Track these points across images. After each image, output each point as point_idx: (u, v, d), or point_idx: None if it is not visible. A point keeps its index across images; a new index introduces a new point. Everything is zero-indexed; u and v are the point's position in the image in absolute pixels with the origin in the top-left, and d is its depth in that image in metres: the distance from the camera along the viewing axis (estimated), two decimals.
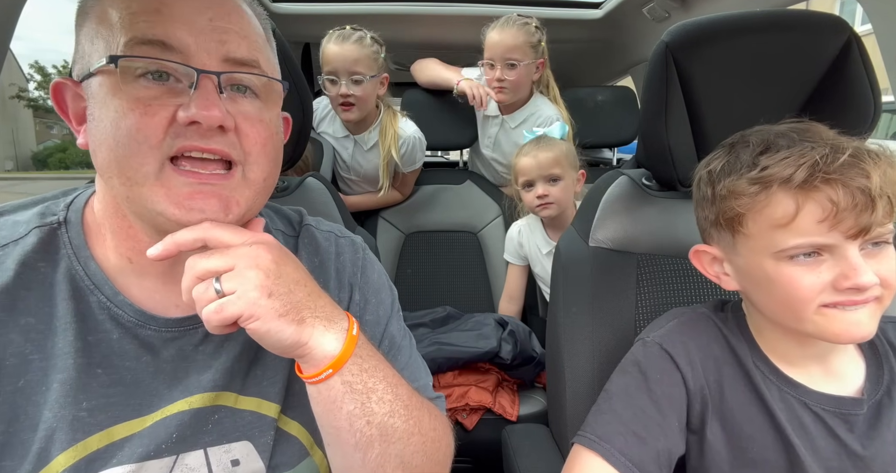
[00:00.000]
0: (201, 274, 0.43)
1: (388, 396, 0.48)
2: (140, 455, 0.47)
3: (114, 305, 0.48)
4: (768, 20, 0.70)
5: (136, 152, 0.42)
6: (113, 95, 0.42)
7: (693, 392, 0.59)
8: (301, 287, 0.45)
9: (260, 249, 0.44)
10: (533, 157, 1.34)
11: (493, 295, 1.69)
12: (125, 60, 0.42)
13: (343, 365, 0.45)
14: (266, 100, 0.49)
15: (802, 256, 0.52)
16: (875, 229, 0.49)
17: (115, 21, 0.43)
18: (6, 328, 0.45)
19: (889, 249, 0.52)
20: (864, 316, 0.51)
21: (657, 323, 0.66)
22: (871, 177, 0.48)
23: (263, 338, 0.43)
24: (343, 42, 1.41)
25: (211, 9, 0.45)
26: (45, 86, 23.78)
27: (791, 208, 0.51)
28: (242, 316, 0.42)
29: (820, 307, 0.52)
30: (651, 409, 0.58)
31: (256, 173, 0.47)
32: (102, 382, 0.47)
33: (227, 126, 0.44)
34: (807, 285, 0.51)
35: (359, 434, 0.47)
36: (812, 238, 0.50)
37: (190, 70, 0.43)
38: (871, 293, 0.50)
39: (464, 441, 0.61)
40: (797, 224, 0.51)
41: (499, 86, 1.52)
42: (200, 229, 0.43)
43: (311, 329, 0.45)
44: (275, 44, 0.54)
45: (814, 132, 0.54)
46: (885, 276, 0.51)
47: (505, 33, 1.48)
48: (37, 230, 0.49)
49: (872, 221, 0.48)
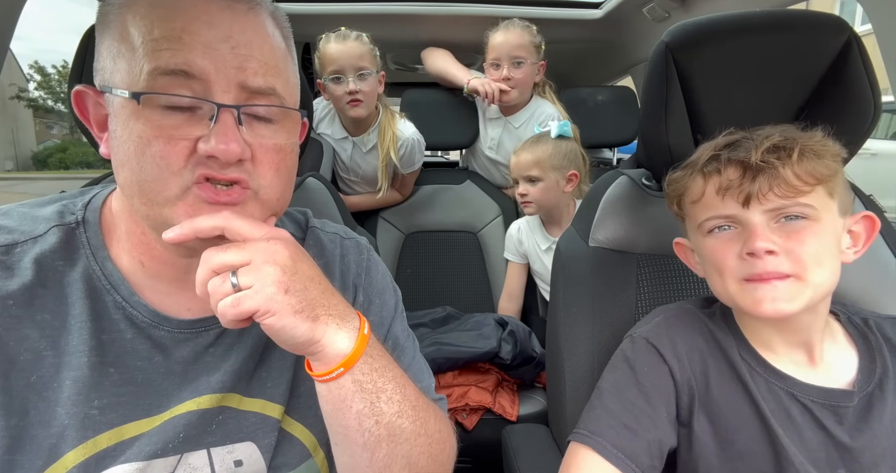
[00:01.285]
0: (218, 267, 0.43)
1: (396, 396, 0.48)
2: (147, 454, 0.47)
3: (129, 305, 0.49)
4: (768, 20, 0.70)
5: (158, 178, 0.44)
6: (136, 120, 0.43)
7: (680, 384, 0.61)
8: (316, 285, 0.46)
9: (277, 244, 0.44)
10: (516, 156, 1.41)
11: (493, 295, 1.69)
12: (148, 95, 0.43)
13: (354, 364, 0.46)
14: (284, 123, 0.49)
15: (717, 230, 0.59)
16: (771, 198, 0.55)
17: (138, 45, 0.43)
18: (22, 324, 0.45)
19: (809, 227, 0.55)
20: (782, 292, 0.54)
21: (645, 320, 0.68)
22: (756, 151, 0.56)
23: (278, 334, 0.43)
24: (345, 40, 1.43)
25: (233, 37, 0.45)
26: (45, 86, 23.77)
27: (700, 185, 0.60)
28: (259, 311, 0.42)
29: (742, 282, 0.56)
30: (641, 402, 0.59)
31: (269, 196, 0.49)
32: (114, 381, 0.47)
33: (245, 158, 0.45)
34: (721, 253, 0.58)
35: (367, 433, 0.47)
36: (716, 210, 0.58)
37: (211, 104, 0.44)
38: (776, 266, 0.54)
39: (464, 442, 0.62)
40: (705, 199, 0.59)
41: (505, 85, 1.56)
42: (221, 217, 0.44)
43: (325, 327, 0.45)
44: (295, 53, 0.54)
45: (781, 132, 0.59)
46: (793, 250, 0.54)
47: (510, 33, 1.54)
48: (56, 229, 0.49)
49: (757, 189, 0.55)
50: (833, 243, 0.56)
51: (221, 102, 0.44)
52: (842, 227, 0.58)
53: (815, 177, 0.55)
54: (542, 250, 1.45)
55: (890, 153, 5.10)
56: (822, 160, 0.56)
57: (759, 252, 0.54)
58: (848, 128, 0.71)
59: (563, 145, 1.39)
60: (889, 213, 0.88)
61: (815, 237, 0.55)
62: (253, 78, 0.46)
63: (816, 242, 0.54)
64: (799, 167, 0.55)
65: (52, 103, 24.34)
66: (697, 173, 0.61)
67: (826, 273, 0.55)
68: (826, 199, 0.56)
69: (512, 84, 1.56)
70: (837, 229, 0.57)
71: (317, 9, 1.70)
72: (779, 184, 0.55)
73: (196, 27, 0.44)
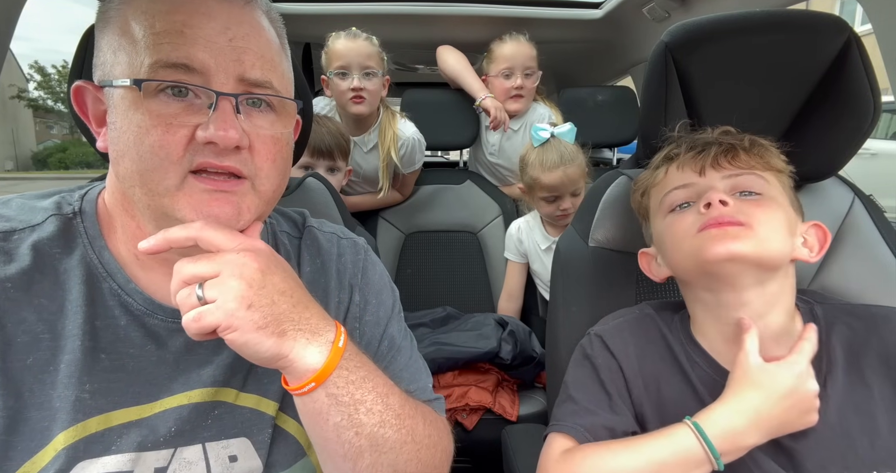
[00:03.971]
0: (187, 278, 0.43)
1: (377, 407, 0.47)
2: (138, 445, 0.47)
3: (124, 292, 0.50)
4: (768, 20, 0.70)
5: (158, 167, 0.44)
6: (135, 110, 0.44)
7: (630, 380, 0.64)
8: (286, 298, 0.45)
9: (247, 256, 0.44)
10: (563, 172, 1.31)
11: (492, 295, 1.69)
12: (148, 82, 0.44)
13: (327, 378, 0.45)
14: (280, 113, 0.50)
15: (679, 208, 0.63)
16: (726, 165, 0.61)
17: (139, 38, 0.44)
18: (20, 307, 0.46)
19: (764, 202, 0.59)
20: (733, 234, 0.56)
21: (605, 319, 0.71)
22: (712, 133, 0.65)
23: (241, 349, 0.43)
24: (355, 39, 1.45)
25: (231, 28, 0.46)
26: (45, 86, 23.78)
27: (662, 169, 0.67)
28: (220, 327, 0.41)
29: (697, 234, 0.59)
30: (600, 392, 0.63)
31: (266, 187, 0.49)
32: (105, 367, 0.47)
33: (242, 146, 0.46)
34: (680, 222, 0.62)
35: (347, 444, 0.47)
36: (676, 182, 0.64)
37: (210, 92, 0.45)
38: (731, 213, 0.57)
39: (464, 442, 0.62)
40: (667, 177, 0.66)
41: (517, 94, 1.64)
42: (193, 228, 0.44)
43: (293, 342, 0.44)
44: (289, 50, 0.55)
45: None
46: (745, 210, 0.58)
47: (521, 45, 1.63)
48: (53, 218, 0.50)
49: (712, 157, 0.61)
50: (785, 223, 0.59)
51: (221, 90, 0.45)
52: (794, 219, 0.61)
53: (765, 162, 0.61)
54: (542, 249, 1.45)
55: (890, 153, 5.10)
56: (772, 154, 0.62)
57: (714, 200, 0.58)
58: (848, 128, 0.71)
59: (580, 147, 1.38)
60: (889, 213, 0.88)
61: (768, 209, 0.58)
62: (250, 70, 0.47)
63: (768, 211, 0.58)
64: (751, 150, 0.62)
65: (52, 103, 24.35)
66: (661, 162, 0.68)
67: (777, 237, 0.57)
68: (779, 187, 0.61)
69: (523, 93, 1.64)
70: (790, 216, 0.60)
71: (316, 9, 1.70)
72: (733, 156, 0.61)
73: (196, 20, 0.44)
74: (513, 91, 1.63)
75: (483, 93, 1.64)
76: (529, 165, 1.36)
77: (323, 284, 0.59)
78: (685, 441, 0.53)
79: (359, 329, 0.60)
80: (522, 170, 1.41)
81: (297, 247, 0.61)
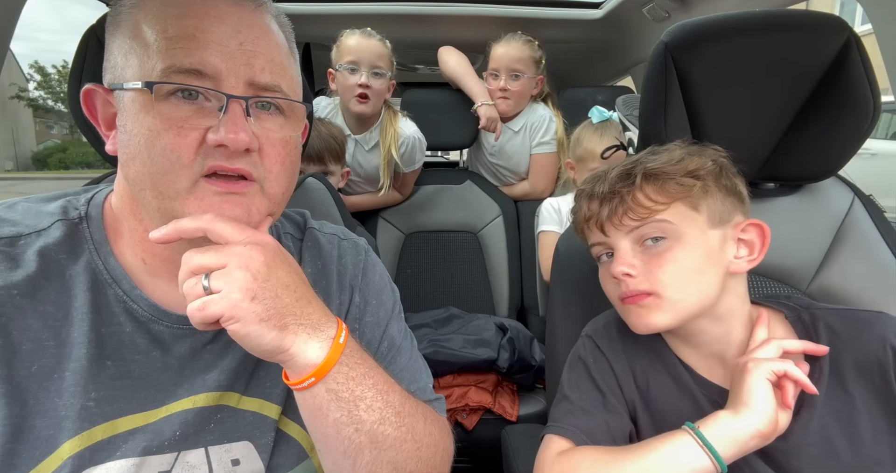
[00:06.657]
0: (194, 269, 0.43)
1: (377, 404, 0.47)
2: (143, 450, 0.47)
3: (130, 299, 0.50)
4: (768, 20, 0.70)
5: (169, 170, 0.44)
6: (146, 113, 0.44)
7: (620, 377, 0.65)
8: (290, 292, 0.45)
9: (254, 249, 0.44)
10: (602, 145, 1.35)
11: (493, 295, 1.69)
12: (160, 85, 0.44)
13: (327, 374, 0.45)
14: (289, 116, 0.51)
15: (604, 256, 0.65)
16: (626, 222, 0.60)
17: (151, 42, 0.44)
18: (25, 314, 0.46)
19: (671, 250, 0.58)
20: (646, 308, 0.59)
21: (596, 319, 0.72)
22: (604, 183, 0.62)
23: (243, 341, 0.43)
24: (369, 37, 1.47)
25: (241, 32, 0.46)
26: (45, 86, 23.78)
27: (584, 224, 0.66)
28: (224, 317, 0.42)
29: (619, 303, 0.62)
30: (594, 391, 0.64)
31: (275, 189, 0.50)
32: (111, 374, 0.47)
33: (252, 148, 0.46)
34: (604, 278, 0.64)
35: (347, 441, 0.47)
36: (591, 238, 0.66)
37: (221, 95, 0.45)
38: (636, 285, 0.59)
39: (464, 442, 0.62)
40: (588, 231, 0.66)
41: (502, 95, 1.63)
42: (204, 220, 0.44)
43: (294, 336, 0.44)
44: (297, 54, 0.55)
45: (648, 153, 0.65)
46: (651, 271, 0.58)
47: (511, 47, 1.60)
48: (59, 223, 0.50)
49: (606, 217, 0.61)
50: (701, 259, 0.58)
51: (231, 94, 0.45)
52: (718, 238, 0.60)
53: (665, 195, 0.59)
54: None
55: (890, 153, 5.10)
56: (673, 179, 0.59)
57: (618, 275, 0.59)
58: (848, 128, 0.71)
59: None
60: (889, 213, 0.88)
61: (674, 261, 0.58)
62: (260, 74, 0.47)
63: (675, 264, 0.58)
64: (646, 189, 0.60)
65: (52, 103, 24.35)
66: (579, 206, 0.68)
67: (689, 291, 0.58)
68: (688, 213, 0.59)
69: (507, 95, 1.62)
70: (709, 242, 0.59)
71: (317, 9, 1.70)
72: (627, 209, 0.60)
73: (208, 24, 0.45)
74: (498, 92, 1.63)
75: (481, 98, 1.63)
76: (586, 139, 1.40)
77: (324, 286, 0.59)
78: (686, 447, 0.53)
79: (359, 330, 0.60)
80: (576, 143, 1.43)
81: (298, 249, 0.61)
